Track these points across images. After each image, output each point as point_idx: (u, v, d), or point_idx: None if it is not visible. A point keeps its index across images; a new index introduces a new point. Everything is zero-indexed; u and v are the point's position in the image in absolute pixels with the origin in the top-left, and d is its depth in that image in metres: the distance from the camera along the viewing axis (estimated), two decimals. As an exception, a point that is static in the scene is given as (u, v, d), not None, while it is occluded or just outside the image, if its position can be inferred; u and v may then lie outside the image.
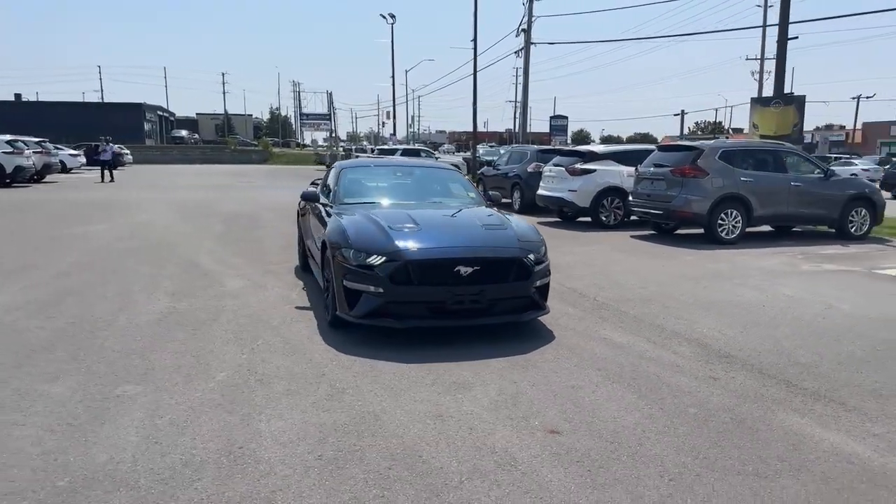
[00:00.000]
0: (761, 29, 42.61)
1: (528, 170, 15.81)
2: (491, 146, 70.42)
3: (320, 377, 4.39)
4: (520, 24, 30.70)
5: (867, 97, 60.60)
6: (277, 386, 4.22)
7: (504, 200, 10.20)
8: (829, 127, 72.44)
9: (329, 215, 6.21)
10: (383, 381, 4.32)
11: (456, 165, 31.88)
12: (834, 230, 11.83)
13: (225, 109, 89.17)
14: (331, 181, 7.01)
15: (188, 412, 3.79)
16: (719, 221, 10.82)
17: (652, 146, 13.42)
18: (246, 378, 4.36)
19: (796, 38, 14.98)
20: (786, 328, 5.77)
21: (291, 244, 10.06)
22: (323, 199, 6.62)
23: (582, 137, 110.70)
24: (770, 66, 53.89)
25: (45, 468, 3.13)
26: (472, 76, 29.85)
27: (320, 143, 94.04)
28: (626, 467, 3.22)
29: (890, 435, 3.63)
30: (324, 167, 44.20)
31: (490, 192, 7.75)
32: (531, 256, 5.33)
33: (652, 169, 11.54)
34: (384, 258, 5.04)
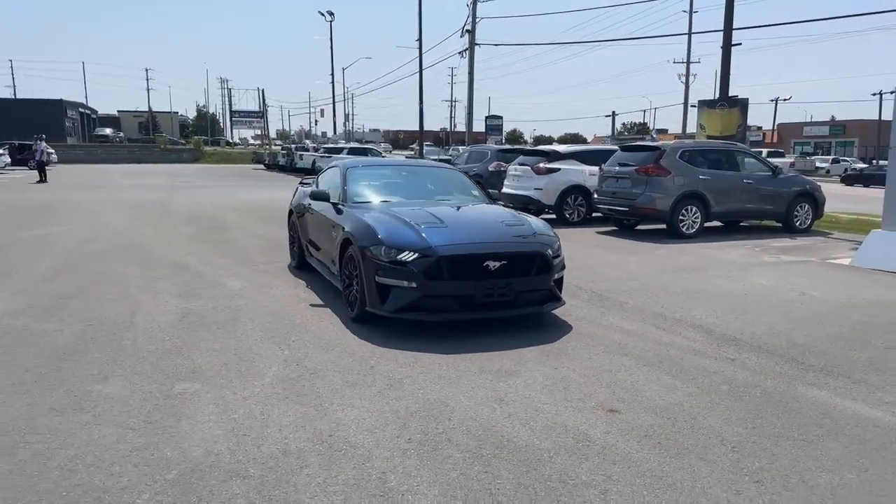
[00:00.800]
0: (689, 34, 44.63)
1: (490, 168, 16.18)
2: (428, 146, 70.67)
3: (370, 369, 4.55)
4: (464, 25, 31.19)
5: (784, 100, 64.34)
6: (334, 378, 4.36)
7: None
8: (747, 128, 76.52)
9: (340, 213, 6.34)
10: (434, 372, 4.52)
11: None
12: (780, 224, 12.71)
13: (149, 107, 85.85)
14: (335, 180, 7.12)
15: (260, 406, 3.88)
16: (680, 217, 11.48)
17: (611, 147, 14.01)
18: (299, 372, 4.47)
19: (739, 44, 15.99)
20: (772, 314, 6.30)
21: (272, 245, 10.08)
22: (332, 199, 6.71)
23: (515, 137, 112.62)
24: (695, 69, 56.18)
25: (147, 463, 3.19)
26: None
27: (251, 141, 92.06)
28: (690, 439, 3.55)
29: (899, 402, 4.12)
30: (263, 167, 43.39)
31: (490, 191, 8.01)
32: (550, 251, 5.63)
33: (617, 168, 12.10)
34: (417, 254, 5.23)
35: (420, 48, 33.56)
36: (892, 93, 48.50)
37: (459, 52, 33.94)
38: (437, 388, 4.22)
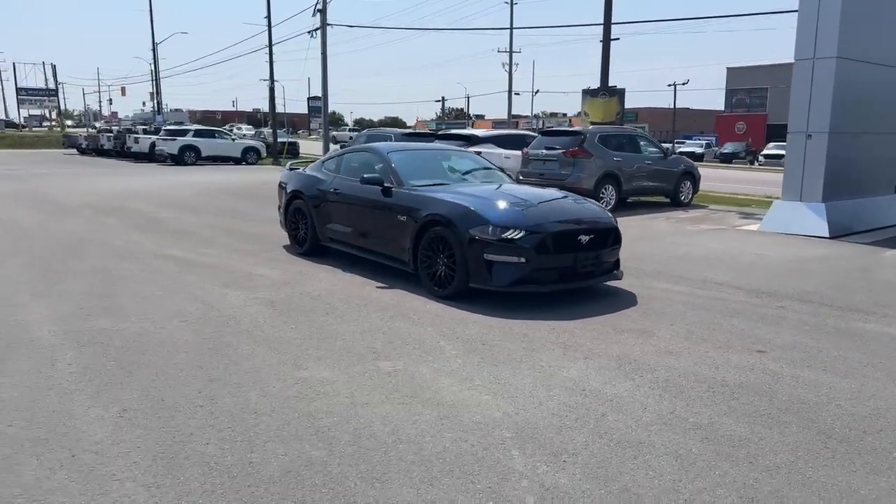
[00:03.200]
0: (511, 28, 47.48)
1: (395, 152, 16.44)
2: (240, 128, 67.10)
3: (496, 342, 4.93)
4: (316, 4, 30.48)
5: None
6: (513, 346, 4.70)
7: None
8: (553, 115, 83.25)
9: (399, 196, 6.51)
10: (559, 340, 5.01)
11: (255, 149, 30.80)
12: (668, 199, 14.61)
13: None
14: (370, 165, 7.21)
15: (483, 370, 4.16)
16: (601, 195, 12.80)
17: (521, 132, 15.03)
18: (475, 346, 4.74)
19: (617, 39, 17.83)
20: (758, 271, 7.60)
21: (240, 234, 9.72)
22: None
23: (335, 120, 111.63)
24: (517, 58, 59.62)
25: (455, 447, 3.40)
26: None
27: (40, 123, 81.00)
28: (839, 362, 4.48)
29: (927, 327, 5.45)
30: (76, 151, 38.57)
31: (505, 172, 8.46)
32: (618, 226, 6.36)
33: (544, 151, 13.12)
34: (524, 231, 5.65)
35: (269, 25, 32.24)
36: (683, 84, 55.70)
37: (309, 32, 33.07)
38: (577, 355, 4.76)
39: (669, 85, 64.56)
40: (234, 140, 31.07)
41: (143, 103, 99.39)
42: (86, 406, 3.62)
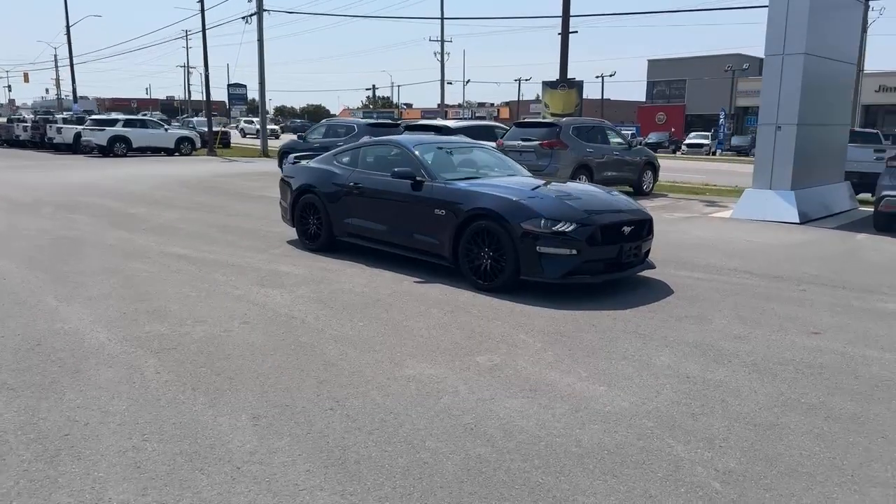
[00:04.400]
0: (441, 18, 47.61)
1: (360, 144, 16.24)
2: (146, 115, 63.67)
3: (571, 333, 5.07)
4: (252, -10, 29.46)
5: (526, 80, 72.23)
6: (587, 336, 4.82)
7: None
8: (482, 104, 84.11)
9: (432, 190, 6.51)
10: (628, 328, 5.21)
11: (190, 139, 29.60)
12: (632, 188, 15.13)
13: None
14: (392, 158, 7.18)
15: (579, 363, 4.26)
16: (575, 185, 13.13)
17: (490, 123, 15.17)
18: (551, 339, 4.83)
19: (576, 32, 18.20)
20: (757, 257, 8.04)
21: (235, 230, 9.40)
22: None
23: (254, 108, 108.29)
24: (449, 48, 59.84)
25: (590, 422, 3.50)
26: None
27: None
28: (889, 340, 4.86)
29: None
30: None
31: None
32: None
33: (520, 142, 13.30)
34: (576, 224, 5.77)
35: (202, 8, 30.89)
36: (611, 76, 57.28)
37: (244, 18, 31.92)
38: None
39: (597, 77, 66.44)
40: (166, 130, 29.69)
41: (47, 90, 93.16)
42: (210, 416, 3.47)
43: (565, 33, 17.07)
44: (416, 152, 7.05)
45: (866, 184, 14.11)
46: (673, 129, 52.36)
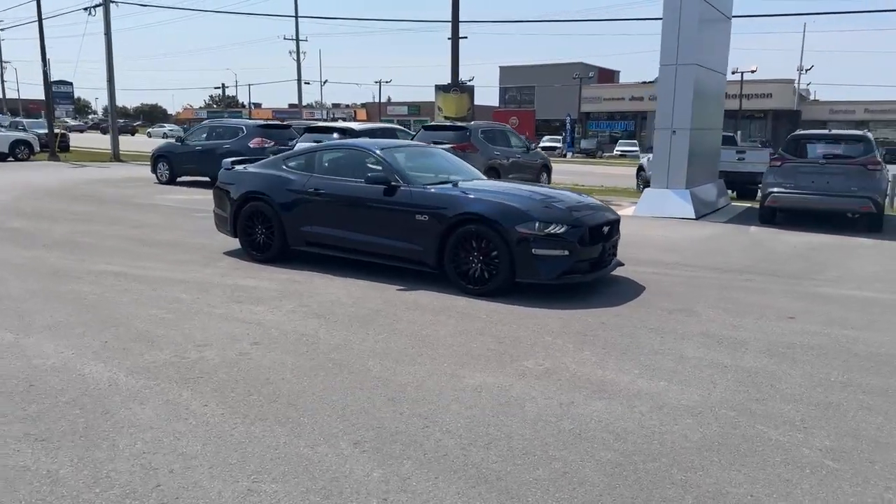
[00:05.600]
0: (296, 17, 46.53)
1: (251, 145, 15.45)
2: None
3: (596, 333, 5.26)
4: (96, -20, 26.90)
5: (386, 82, 72.19)
6: (595, 342, 4.99)
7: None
8: (336, 105, 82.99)
9: (400, 194, 6.42)
10: (636, 325, 5.49)
11: (27, 142, 26.51)
12: (529, 190, 15.74)
13: None
14: (361, 164, 6.94)
15: (598, 369, 4.42)
16: (484, 187, 13.41)
17: (391, 125, 15.09)
18: (556, 343, 4.94)
19: (465, 37, 18.51)
20: (684, 251, 8.72)
21: (144, 242, 8.59)
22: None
23: (81, 107, 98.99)
24: (305, 47, 58.54)
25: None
26: None
27: None
28: (855, 321, 5.50)
29: None
30: None
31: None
32: (615, 217, 6.92)
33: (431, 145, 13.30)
34: (566, 226, 5.93)
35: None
36: (470, 80, 58.97)
37: (86, 9, 28.96)
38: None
39: (467, 80, 68.15)
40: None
41: None
42: (305, 446, 3.18)
43: (455, 38, 17.37)
44: (387, 157, 6.86)
45: (731, 182, 15.80)
46: (527, 133, 55.00)
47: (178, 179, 16.94)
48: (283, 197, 7.22)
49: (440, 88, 18.09)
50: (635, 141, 49.02)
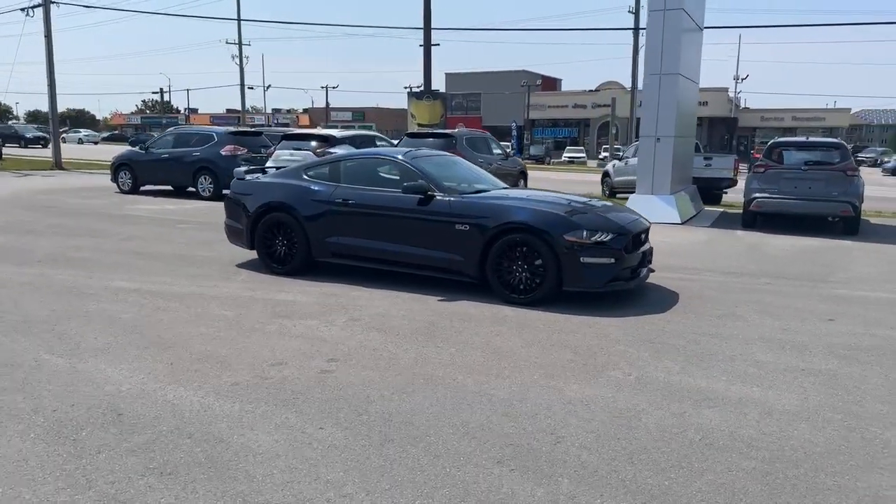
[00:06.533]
0: (238, 20, 45.54)
1: (223, 153, 14.99)
2: None
3: (659, 340, 5.33)
4: (36, -21, 25.56)
5: (334, 87, 71.74)
6: (662, 351, 5.06)
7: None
8: (277, 110, 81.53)
9: (437, 204, 6.37)
10: (691, 331, 5.59)
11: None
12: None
13: None
14: (381, 173, 6.91)
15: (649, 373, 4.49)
16: (470, 194, 13.44)
17: (371, 133, 14.93)
18: (629, 352, 4.98)
19: (438, 44, 18.46)
20: (688, 256, 8.95)
21: (152, 254, 8.22)
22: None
23: (2, 111, 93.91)
24: (247, 50, 57.26)
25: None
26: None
27: None
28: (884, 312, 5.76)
29: None
30: None
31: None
32: (644, 225, 7.03)
33: (417, 153, 13.22)
34: (612, 234, 5.99)
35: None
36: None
37: (23, 10, 27.41)
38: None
39: (405, 87, 68.15)
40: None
41: None
42: (453, 469, 3.08)
43: (427, 45, 17.33)
44: (418, 166, 6.76)
45: (700, 187, 16.31)
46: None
47: (142, 188, 16.27)
48: (308, 208, 7.01)
49: (413, 96, 18.01)
50: (582, 147, 50.13)
